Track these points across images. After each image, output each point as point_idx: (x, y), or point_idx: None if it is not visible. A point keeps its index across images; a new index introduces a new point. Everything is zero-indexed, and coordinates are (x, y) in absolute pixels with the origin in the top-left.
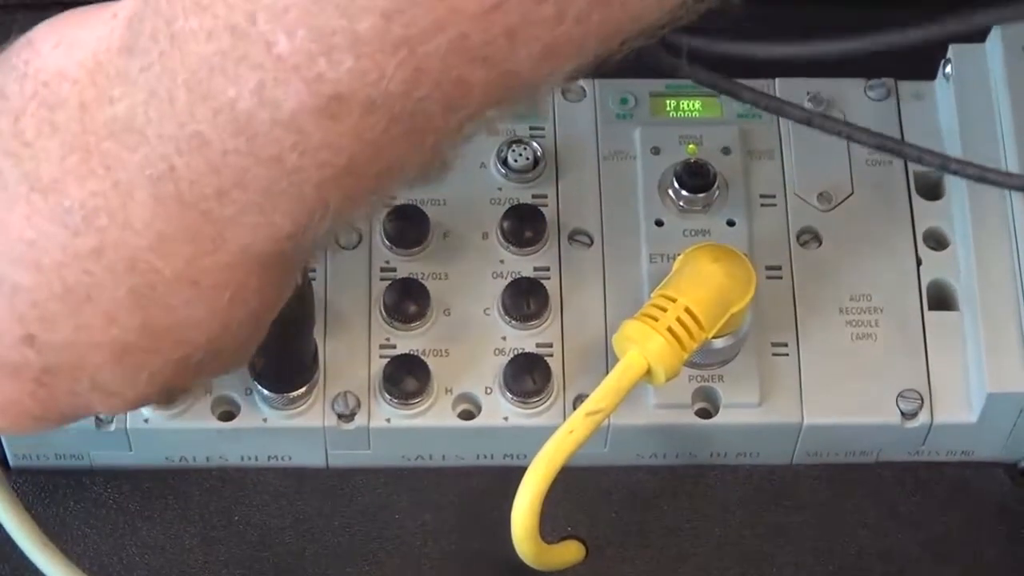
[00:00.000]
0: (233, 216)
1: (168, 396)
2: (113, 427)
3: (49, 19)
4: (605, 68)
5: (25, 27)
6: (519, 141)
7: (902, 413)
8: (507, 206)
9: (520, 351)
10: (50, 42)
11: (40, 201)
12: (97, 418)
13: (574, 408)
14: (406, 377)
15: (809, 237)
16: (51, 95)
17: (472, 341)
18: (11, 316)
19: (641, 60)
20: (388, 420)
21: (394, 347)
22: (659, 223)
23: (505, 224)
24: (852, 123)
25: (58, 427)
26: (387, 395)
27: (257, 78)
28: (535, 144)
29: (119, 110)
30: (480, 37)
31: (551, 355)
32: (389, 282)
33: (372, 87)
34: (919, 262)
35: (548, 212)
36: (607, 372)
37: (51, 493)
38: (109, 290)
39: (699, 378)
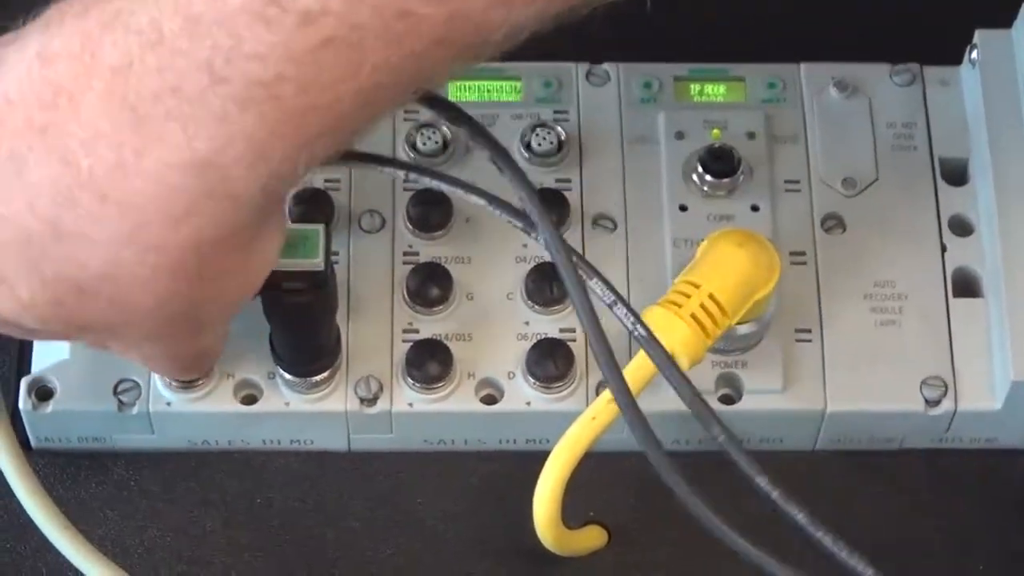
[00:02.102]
0: (159, 122)
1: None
2: (136, 410)
3: None
4: (627, 51)
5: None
6: (543, 125)
7: (926, 400)
8: None
9: (543, 336)
10: None
11: (37, 68)
12: (120, 401)
13: (597, 394)
14: (429, 361)
15: (833, 223)
16: None
17: (495, 326)
18: None
19: None
20: (410, 404)
21: (417, 331)
22: (683, 208)
23: None
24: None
25: None
26: (410, 379)
27: None
28: (559, 128)
29: (123, 5)
30: None
31: (574, 340)
32: (412, 266)
33: None
34: (944, 248)
35: (572, 196)
36: (630, 358)
37: (73, 475)
38: (39, 173)
39: (722, 364)
